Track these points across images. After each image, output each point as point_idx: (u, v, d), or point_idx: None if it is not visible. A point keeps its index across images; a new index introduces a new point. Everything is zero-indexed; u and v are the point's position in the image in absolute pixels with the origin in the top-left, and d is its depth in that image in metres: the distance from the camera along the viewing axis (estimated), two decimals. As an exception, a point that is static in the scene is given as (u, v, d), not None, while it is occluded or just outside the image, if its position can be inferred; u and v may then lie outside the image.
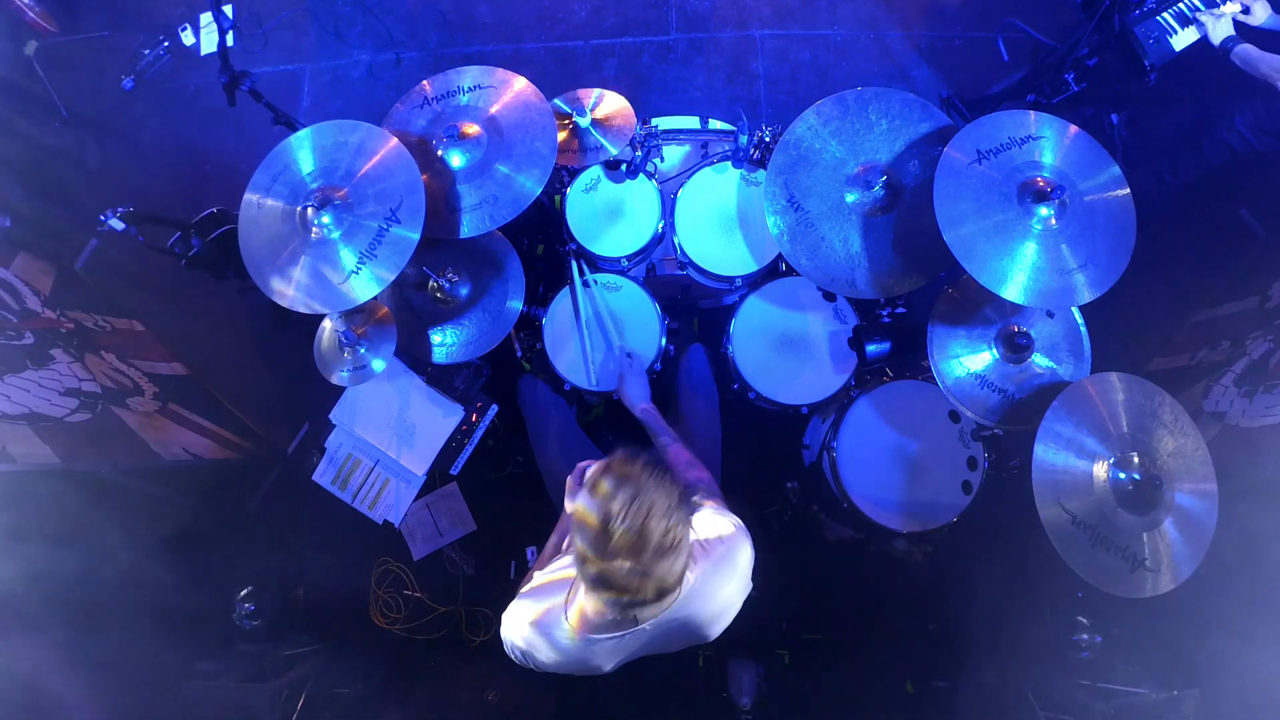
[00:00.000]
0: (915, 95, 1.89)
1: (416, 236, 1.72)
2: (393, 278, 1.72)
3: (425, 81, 2.04)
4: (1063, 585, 2.06)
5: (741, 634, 1.41)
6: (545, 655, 1.33)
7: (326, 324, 1.99)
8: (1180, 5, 2.34)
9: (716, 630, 1.39)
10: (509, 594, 1.45)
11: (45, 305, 2.50)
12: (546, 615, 1.31)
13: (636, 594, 1.15)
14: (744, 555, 1.38)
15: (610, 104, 2.15)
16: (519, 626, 1.34)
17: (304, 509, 2.76)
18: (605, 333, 2.18)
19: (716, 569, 1.33)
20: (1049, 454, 1.63)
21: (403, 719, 2.32)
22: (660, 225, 2.19)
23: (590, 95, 2.15)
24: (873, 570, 2.46)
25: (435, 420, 2.18)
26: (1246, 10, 2.27)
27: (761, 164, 2.20)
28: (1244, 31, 2.28)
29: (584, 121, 2.08)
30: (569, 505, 1.27)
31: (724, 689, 2.30)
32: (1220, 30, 2.24)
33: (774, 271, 2.25)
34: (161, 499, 2.44)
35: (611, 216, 2.23)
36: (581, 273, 2.20)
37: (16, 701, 1.78)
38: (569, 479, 1.40)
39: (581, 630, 1.27)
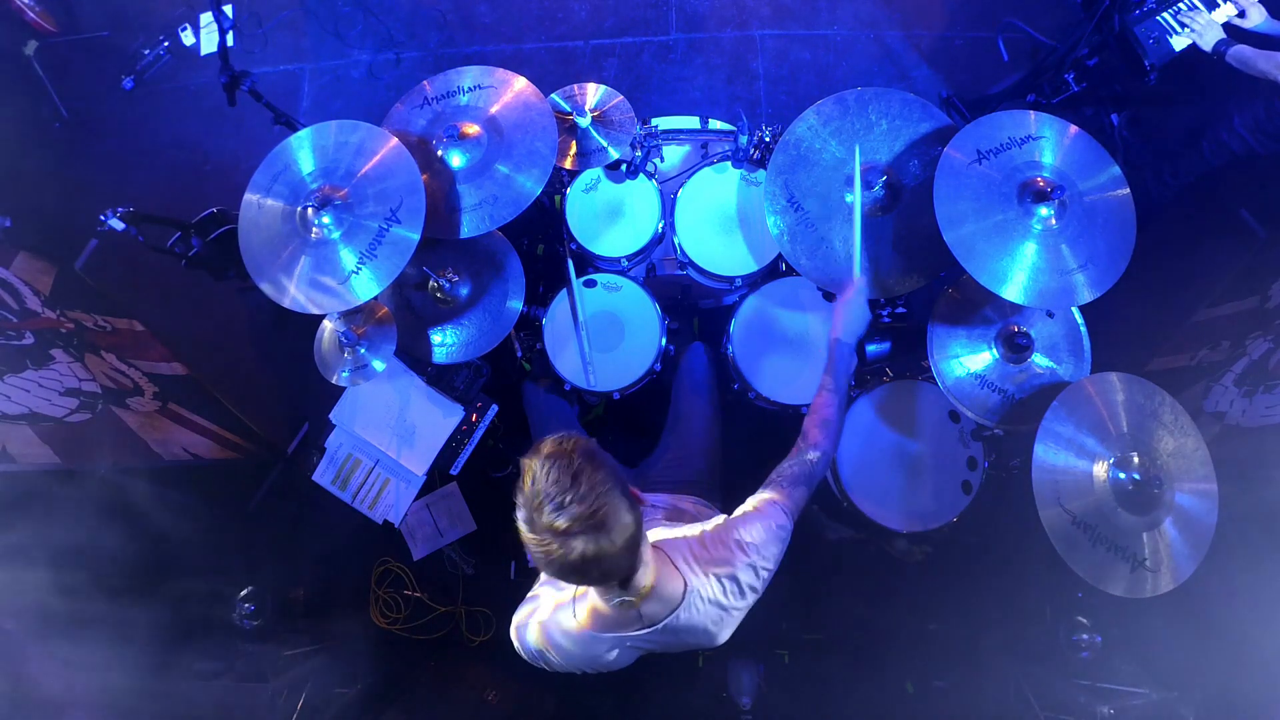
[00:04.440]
0: (915, 95, 1.89)
1: (416, 236, 1.72)
2: (393, 278, 1.72)
3: (425, 81, 2.04)
4: (1063, 585, 2.06)
5: (741, 634, 1.41)
6: (556, 655, 1.33)
7: (326, 324, 1.99)
8: (1180, 5, 2.34)
9: (724, 635, 1.39)
10: (509, 594, 1.46)
11: (45, 305, 2.50)
12: (554, 615, 1.32)
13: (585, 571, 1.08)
14: (746, 572, 1.35)
15: (603, 96, 2.17)
16: (529, 629, 1.34)
17: (304, 509, 2.76)
18: (607, 332, 2.19)
19: (719, 576, 1.33)
20: (1049, 454, 1.63)
21: (402, 719, 2.32)
22: (660, 225, 2.20)
23: (586, 90, 2.16)
24: (873, 570, 2.46)
25: (435, 420, 2.18)
26: (1242, 14, 2.27)
27: (761, 164, 2.20)
28: (1238, 36, 2.28)
29: (584, 122, 2.08)
30: None
31: (724, 689, 2.30)
32: (1210, 36, 2.24)
33: (774, 271, 2.25)
34: (161, 499, 2.44)
35: (611, 216, 2.23)
36: (578, 274, 2.21)
37: (16, 702, 1.78)
38: None
39: (590, 627, 1.28)
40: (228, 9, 2.40)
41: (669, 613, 1.27)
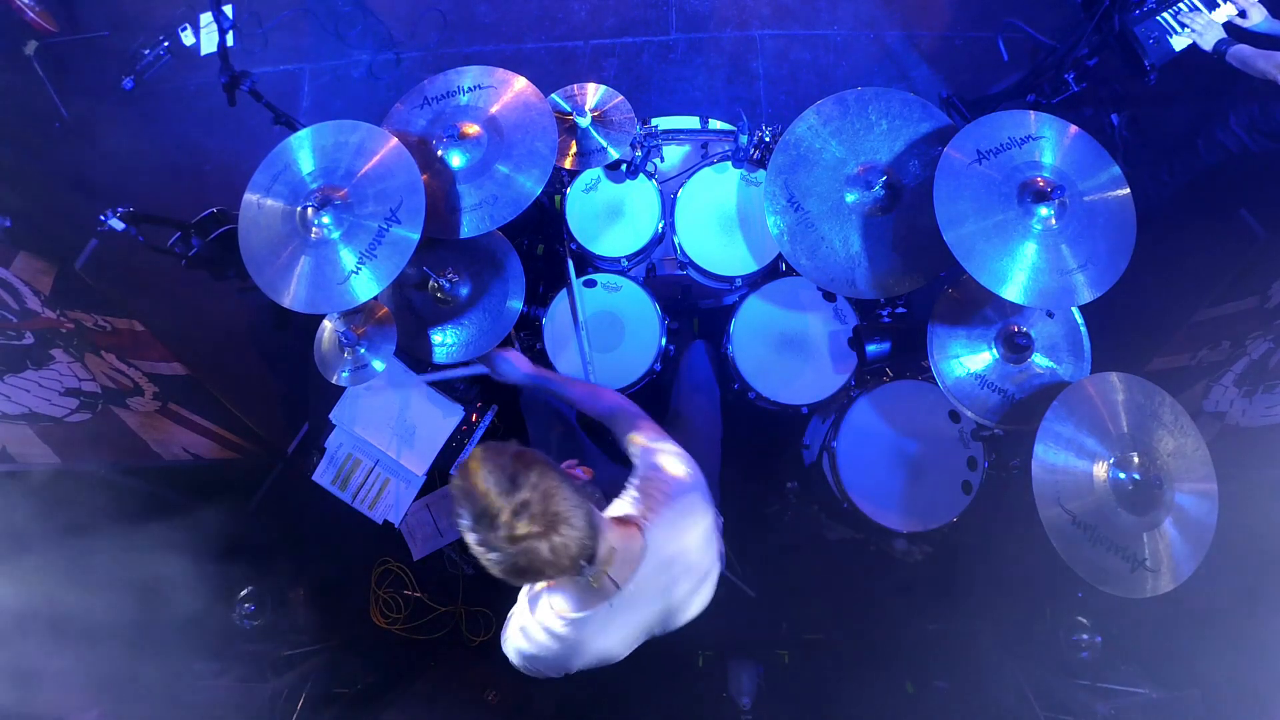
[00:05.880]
0: (915, 95, 1.89)
1: (416, 236, 1.72)
2: (393, 278, 1.72)
3: (425, 81, 2.04)
4: (1063, 585, 2.06)
5: (741, 634, 1.42)
6: (548, 657, 1.34)
7: (326, 324, 1.99)
8: (1180, 5, 2.34)
9: (705, 555, 1.41)
10: (509, 594, 1.45)
11: (45, 305, 2.50)
12: (536, 614, 1.34)
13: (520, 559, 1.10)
14: (690, 487, 1.41)
15: (603, 96, 2.16)
16: (515, 639, 1.36)
17: (304, 509, 2.76)
18: (607, 332, 2.19)
19: (672, 512, 1.37)
20: (1049, 454, 1.63)
21: (403, 719, 2.31)
22: (660, 225, 2.20)
23: (586, 90, 2.16)
24: (873, 570, 2.46)
25: (435, 420, 2.18)
26: (1243, 14, 2.27)
27: (761, 164, 2.20)
28: (1239, 35, 2.28)
29: (584, 122, 2.08)
30: None
31: (724, 689, 2.30)
32: (1210, 36, 2.24)
33: (774, 271, 2.25)
34: (161, 499, 2.44)
35: (611, 216, 2.23)
36: (578, 274, 2.21)
37: (16, 702, 1.78)
38: None
39: (572, 611, 1.29)
40: (228, 9, 2.39)
41: (639, 562, 1.28)
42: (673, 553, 1.35)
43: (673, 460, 1.46)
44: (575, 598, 1.28)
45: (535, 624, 1.33)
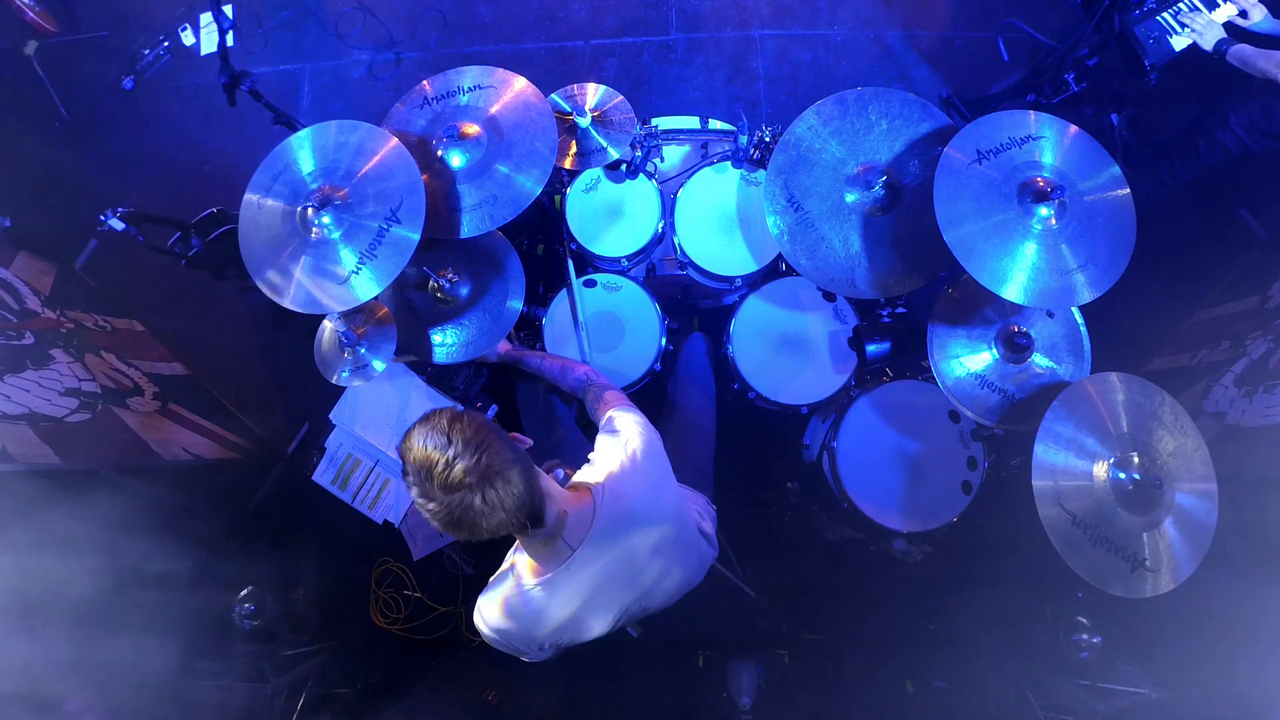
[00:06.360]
0: (915, 95, 1.89)
1: (416, 236, 1.72)
2: (393, 278, 1.72)
3: (425, 81, 2.04)
4: (1063, 585, 2.06)
5: (741, 634, 1.42)
6: (515, 628, 1.35)
7: (326, 324, 1.99)
8: (1180, 5, 2.34)
9: (665, 541, 1.42)
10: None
11: (45, 305, 2.50)
12: (499, 590, 1.36)
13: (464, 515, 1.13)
14: (641, 446, 1.45)
15: (603, 96, 2.16)
16: (484, 612, 1.37)
17: (304, 509, 2.76)
18: (607, 332, 2.19)
19: (621, 472, 1.40)
20: (1049, 454, 1.63)
21: (403, 719, 2.32)
22: (660, 225, 2.20)
23: (586, 90, 2.15)
24: (873, 570, 2.46)
25: (435, 420, 2.17)
26: (1244, 14, 2.27)
27: (761, 164, 2.20)
28: (1239, 35, 2.28)
29: (584, 122, 2.08)
30: None
31: (724, 689, 2.30)
32: (1210, 36, 2.25)
33: (774, 271, 2.25)
34: (161, 499, 2.44)
35: (611, 216, 2.23)
36: (578, 274, 2.21)
37: (17, 701, 1.78)
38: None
39: (534, 577, 1.32)
40: (228, 9, 2.40)
41: (591, 523, 1.31)
42: (626, 511, 1.36)
43: (625, 424, 1.51)
44: (534, 565, 1.32)
45: (500, 594, 1.35)
